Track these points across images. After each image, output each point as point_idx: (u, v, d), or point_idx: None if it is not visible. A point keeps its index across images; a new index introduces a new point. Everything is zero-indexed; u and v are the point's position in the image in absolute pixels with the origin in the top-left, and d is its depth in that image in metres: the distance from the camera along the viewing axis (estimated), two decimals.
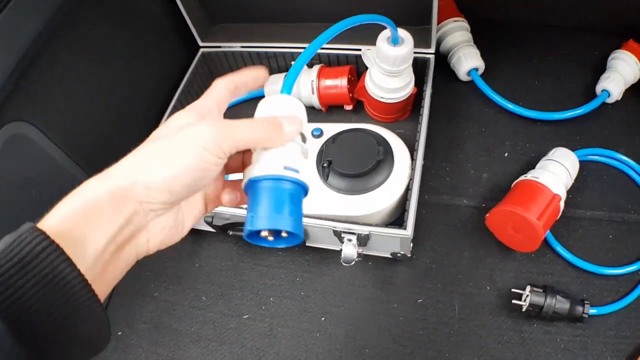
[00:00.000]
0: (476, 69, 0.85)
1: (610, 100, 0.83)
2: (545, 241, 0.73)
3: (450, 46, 0.86)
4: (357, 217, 0.70)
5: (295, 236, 0.38)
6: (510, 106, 0.83)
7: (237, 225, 0.74)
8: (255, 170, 0.37)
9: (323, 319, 0.71)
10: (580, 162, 0.77)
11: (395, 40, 0.70)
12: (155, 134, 0.38)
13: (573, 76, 0.88)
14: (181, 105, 0.83)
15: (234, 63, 0.91)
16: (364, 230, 0.66)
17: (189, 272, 0.78)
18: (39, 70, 0.67)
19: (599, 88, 0.82)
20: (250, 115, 0.39)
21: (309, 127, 0.76)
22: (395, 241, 0.68)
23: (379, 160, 0.69)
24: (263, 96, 0.86)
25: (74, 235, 0.32)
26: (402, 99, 0.78)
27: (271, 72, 0.89)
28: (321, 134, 0.75)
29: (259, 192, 0.37)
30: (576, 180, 0.76)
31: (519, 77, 0.89)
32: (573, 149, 0.76)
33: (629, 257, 0.70)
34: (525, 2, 0.92)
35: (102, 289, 0.34)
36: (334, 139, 0.73)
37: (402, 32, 0.71)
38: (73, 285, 0.31)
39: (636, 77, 0.82)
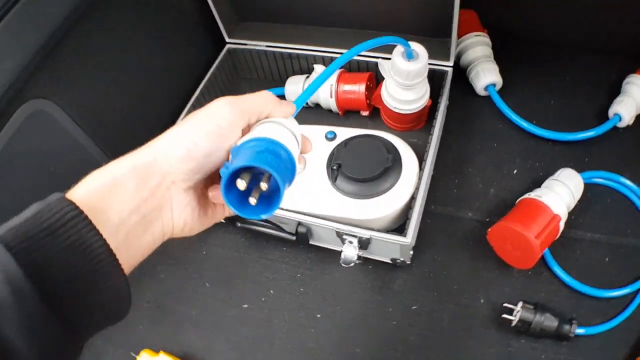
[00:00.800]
0: (494, 85, 0.86)
1: (621, 125, 0.83)
2: (543, 260, 0.74)
3: (470, 60, 0.87)
4: (362, 220, 0.71)
5: (274, 200, 0.37)
6: (524, 124, 0.83)
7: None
8: (247, 136, 0.40)
9: (319, 315, 0.73)
10: (586, 184, 0.78)
11: (409, 55, 0.71)
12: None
13: (589, 98, 0.87)
14: (203, 97, 0.86)
15: (257, 61, 0.93)
16: (365, 234, 0.68)
17: (195, 258, 0.81)
18: (66, 51, 0.69)
19: (611, 111, 0.83)
20: None
21: (323, 130, 0.77)
22: (395, 247, 0.70)
23: (387, 167, 0.71)
24: (283, 95, 0.89)
25: (99, 206, 0.34)
26: (416, 111, 0.79)
27: (293, 73, 0.92)
28: (334, 137, 0.77)
29: (244, 148, 0.38)
30: (580, 201, 0.77)
31: (536, 96, 0.89)
32: (581, 170, 0.77)
33: (623, 281, 0.70)
34: (550, 21, 0.92)
35: (127, 260, 0.35)
36: (345, 143, 0.75)
37: (417, 47, 0.72)
38: (98, 253, 0.32)
39: None
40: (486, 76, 0.84)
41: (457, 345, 0.69)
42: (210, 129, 0.38)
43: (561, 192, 0.72)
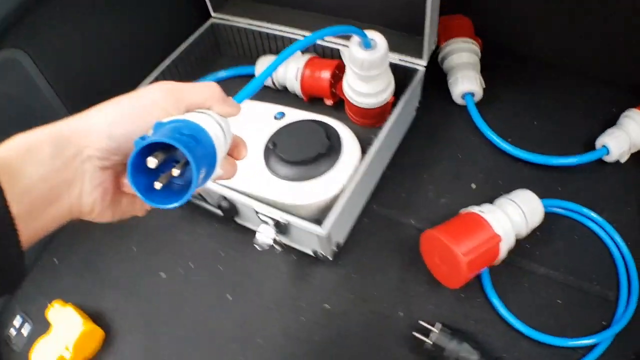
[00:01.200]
0: (472, 94, 0.77)
1: (609, 159, 0.71)
2: (480, 285, 0.64)
3: (452, 65, 0.78)
4: (289, 205, 0.64)
5: (186, 190, 0.34)
6: (495, 138, 0.74)
7: None
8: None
9: (230, 297, 0.67)
10: (554, 215, 0.68)
11: (367, 45, 0.64)
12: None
13: (579, 126, 0.77)
14: (175, 67, 0.83)
15: (238, 38, 0.89)
16: (282, 217, 0.61)
17: (131, 222, 0.73)
18: (47, 8, 0.69)
19: (599, 142, 0.71)
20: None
21: (275, 109, 0.73)
22: (314, 238, 0.63)
23: (320, 153, 0.64)
24: (252, 74, 0.85)
25: (10, 167, 0.32)
26: (375, 106, 0.71)
27: (270, 53, 0.88)
28: (283, 116, 0.71)
29: (167, 126, 0.35)
30: (542, 232, 0.66)
31: (518, 114, 0.80)
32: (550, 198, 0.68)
33: (573, 330, 0.59)
34: (550, 41, 0.83)
35: (26, 230, 0.32)
36: (288, 125, 0.69)
37: (377, 37, 0.64)
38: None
39: None
40: (464, 84, 0.76)
41: (362, 355, 0.60)
42: (136, 112, 0.36)
43: (511, 212, 0.62)
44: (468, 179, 0.73)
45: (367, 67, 0.65)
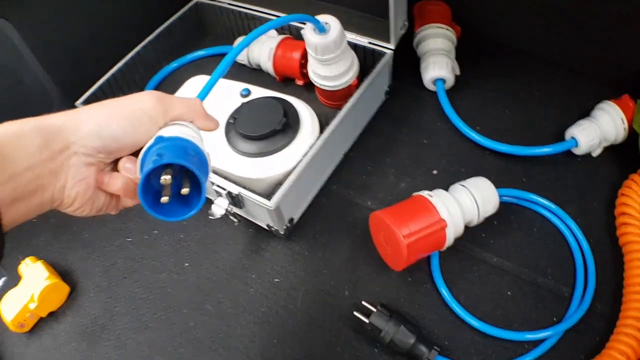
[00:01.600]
0: (443, 80, 0.73)
1: (577, 152, 0.66)
2: (429, 270, 0.61)
3: (425, 51, 0.75)
4: (245, 179, 0.63)
5: (197, 191, 0.36)
6: (460, 125, 0.70)
7: None
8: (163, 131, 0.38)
9: (187, 264, 0.66)
10: (516, 206, 0.65)
11: (321, 29, 0.61)
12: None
13: (553, 118, 0.72)
14: (158, 43, 0.82)
15: (221, 17, 0.88)
16: (234, 189, 0.61)
17: None
18: None
19: (567, 134, 0.66)
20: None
21: (241, 86, 0.73)
22: (265, 212, 0.63)
23: (276, 129, 0.62)
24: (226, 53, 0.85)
25: (0, 152, 0.32)
26: (336, 88, 0.69)
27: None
28: (248, 94, 0.70)
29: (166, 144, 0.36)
30: (500, 222, 0.63)
31: (490, 102, 0.76)
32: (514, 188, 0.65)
33: (520, 324, 0.56)
34: (529, 30, 0.78)
35: (7, 216, 0.33)
36: (250, 101, 0.67)
37: (332, 21, 0.62)
38: None
39: (619, 135, 0.65)
40: (434, 70, 0.72)
41: (305, 331, 0.59)
42: (126, 115, 0.37)
43: (461, 199, 0.59)
44: (430, 165, 0.69)
45: (321, 51, 0.63)
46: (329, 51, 0.63)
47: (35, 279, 0.66)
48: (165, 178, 0.35)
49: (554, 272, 0.60)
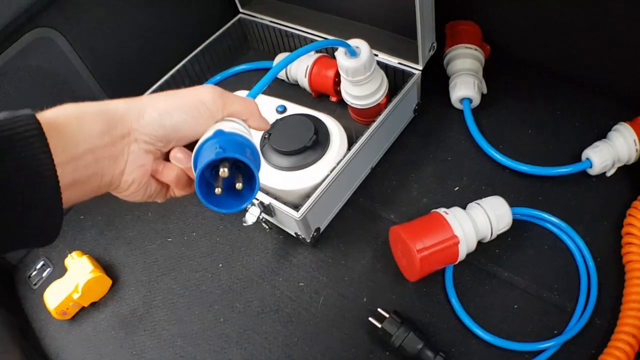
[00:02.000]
0: (469, 100, 0.83)
1: (592, 172, 0.75)
2: (443, 282, 0.72)
3: (454, 71, 0.85)
4: (278, 190, 0.75)
5: (251, 186, 0.41)
6: (483, 144, 0.80)
7: None
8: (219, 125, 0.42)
9: (221, 265, 0.79)
10: (530, 223, 0.74)
11: (353, 53, 0.72)
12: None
13: (573, 137, 0.81)
14: (202, 56, 0.95)
15: (262, 34, 1.00)
16: (265, 199, 0.72)
17: None
18: None
19: (584, 155, 0.75)
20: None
21: (277, 102, 0.84)
22: (294, 222, 0.73)
23: (306, 146, 0.73)
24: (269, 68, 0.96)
25: (61, 133, 0.35)
26: (366, 107, 0.79)
27: (289, 50, 0.99)
28: (284, 110, 0.81)
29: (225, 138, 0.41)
30: (514, 238, 0.72)
31: (514, 122, 0.85)
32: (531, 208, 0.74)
33: (523, 335, 0.65)
34: (558, 50, 0.86)
35: (66, 196, 0.35)
36: (284, 118, 0.79)
37: (362, 45, 0.72)
38: (44, 176, 0.33)
39: (632, 156, 0.73)
40: (461, 89, 0.82)
41: (322, 333, 0.70)
42: (188, 107, 0.41)
43: (476, 216, 0.68)
44: (452, 182, 0.80)
45: (352, 73, 0.74)
46: (359, 73, 0.74)
47: (79, 271, 0.79)
48: (224, 170, 0.39)
49: (560, 287, 0.69)
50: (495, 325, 0.67)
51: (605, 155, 0.73)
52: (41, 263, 0.86)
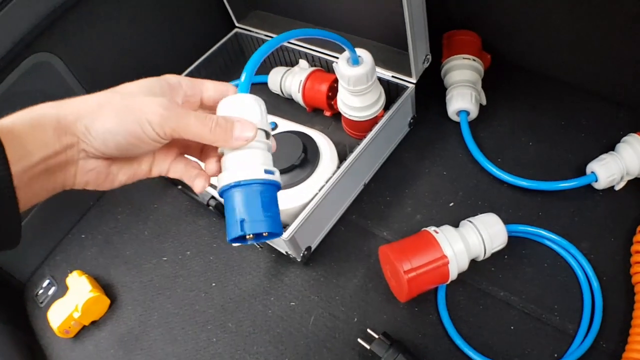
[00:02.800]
0: (466, 112, 0.81)
1: (598, 186, 0.72)
2: (436, 302, 0.69)
3: (451, 82, 0.83)
4: None
5: (275, 234, 0.42)
6: (480, 158, 0.77)
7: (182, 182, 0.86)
8: (229, 176, 0.41)
9: (214, 284, 0.78)
10: (528, 240, 0.71)
11: (355, 61, 0.71)
12: (120, 87, 0.42)
13: (578, 149, 0.78)
14: (198, 72, 0.95)
15: (257, 47, 0.96)
16: None
17: (147, 208, 0.91)
18: (77, 15, 0.81)
19: (589, 168, 0.72)
20: None
21: (269, 119, 0.84)
22: (281, 241, 0.73)
23: (294, 164, 0.73)
24: (265, 83, 0.96)
25: (18, 140, 0.36)
26: (365, 119, 0.78)
27: (284, 64, 0.98)
28: (275, 127, 0.81)
29: (235, 197, 0.41)
30: (511, 256, 0.70)
31: (515, 133, 0.82)
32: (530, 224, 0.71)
33: (519, 358, 0.63)
34: (562, 59, 0.83)
35: (23, 199, 0.36)
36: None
37: (363, 53, 0.72)
38: (1, 185, 0.34)
39: None
40: (457, 102, 0.80)
41: (313, 352, 0.69)
42: (132, 128, 0.38)
43: (468, 235, 0.66)
44: (448, 197, 0.77)
45: (354, 82, 0.73)
46: (362, 83, 0.73)
47: (79, 291, 0.80)
48: (250, 236, 0.41)
49: (561, 308, 0.66)
50: (490, 347, 0.65)
51: (612, 169, 0.70)
52: (47, 282, 0.88)
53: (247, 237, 0.41)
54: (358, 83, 0.73)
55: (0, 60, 0.75)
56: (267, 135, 0.44)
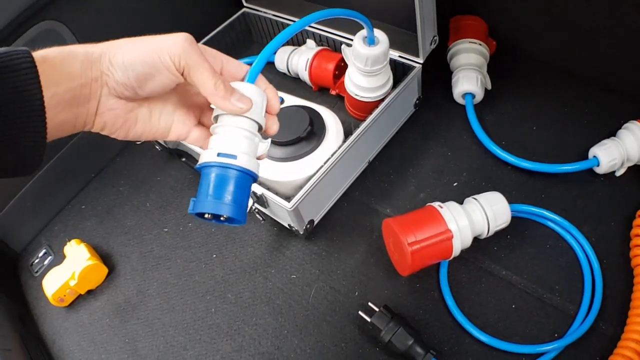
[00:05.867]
0: (472, 95, 0.80)
1: (599, 171, 0.71)
2: (438, 278, 0.68)
3: (457, 66, 0.82)
4: (271, 181, 0.73)
5: (237, 220, 0.41)
6: (485, 140, 0.76)
7: (187, 154, 0.86)
8: (205, 156, 0.42)
9: (214, 256, 0.77)
10: (531, 222, 0.70)
11: (371, 41, 0.70)
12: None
13: (581, 135, 0.77)
14: None
15: (266, 27, 0.99)
16: (258, 189, 0.69)
17: (150, 181, 0.90)
18: None
19: (591, 153, 0.71)
20: None
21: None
22: (286, 213, 0.71)
23: (300, 137, 0.72)
24: (272, 62, 0.94)
25: (49, 69, 0.37)
26: (376, 99, 0.77)
27: (292, 43, 0.96)
28: (282, 102, 0.80)
29: (205, 176, 0.41)
30: (513, 236, 0.69)
31: (519, 118, 0.81)
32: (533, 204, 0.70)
33: (520, 336, 0.62)
34: (565, 47, 0.83)
35: (49, 127, 0.37)
36: (281, 109, 0.78)
37: (379, 33, 0.70)
38: (34, 104, 0.36)
39: None
40: (463, 84, 0.79)
41: (313, 326, 0.68)
42: (150, 60, 0.39)
43: (472, 211, 0.65)
44: (451, 177, 0.76)
45: (371, 62, 0.71)
46: (378, 63, 0.72)
47: (77, 259, 0.78)
48: (207, 216, 0.41)
49: (562, 289, 0.65)
50: (491, 325, 0.63)
51: (613, 154, 0.69)
52: (43, 251, 0.86)
53: (206, 215, 0.41)
54: (376, 63, 0.72)
55: (7, 26, 0.73)
56: (260, 128, 0.44)
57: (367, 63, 0.72)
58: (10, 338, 0.74)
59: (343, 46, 0.77)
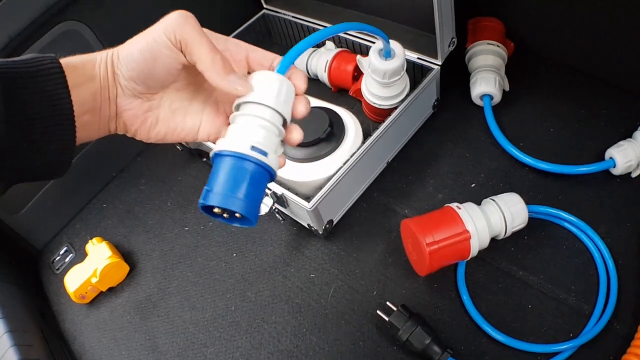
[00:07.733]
0: (490, 96, 0.82)
1: (615, 172, 0.72)
2: (455, 279, 0.70)
3: (475, 67, 0.83)
4: (291, 181, 0.75)
5: (248, 220, 0.38)
6: (502, 141, 0.78)
7: (207, 154, 0.87)
8: (222, 144, 0.39)
9: (235, 255, 0.80)
10: (548, 222, 0.72)
11: (387, 54, 0.72)
12: None
13: (598, 137, 0.78)
14: None
15: (285, 29, 1.01)
16: (278, 189, 0.72)
17: (171, 180, 0.93)
18: None
19: (607, 154, 0.73)
20: None
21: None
22: (305, 213, 0.73)
23: (320, 138, 0.74)
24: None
25: (75, 72, 0.39)
26: (391, 107, 0.79)
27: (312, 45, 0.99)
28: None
29: (220, 167, 0.38)
30: (530, 237, 0.71)
31: (537, 119, 0.83)
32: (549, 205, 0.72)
33: (536, 336, 0.63)
34: (583, 48, 0.84)
35: (77, 129, 0.38)
36: None
37: (395, 45, 0.72)
38: (64, 109, 0.37)
39: None
40: (481, 86, 0.81)
41: (331, 324, 0.70)
42: (147, 46, 0.39)
43: (490, 212, 0.67)
44: (470, 178, 0.78)
45: (389, 76, 0.73)
46: (396, 75, 0.74)
47: (99, 257, 0.81)
48: (218, 211, 0.38)
49: (578, 289, 0.67)
50: (507, 325, 0.65)
51: (629, 155, 0.71)
52: (64, 249, 0.89)
53: (215, 210, 0.38)
54: (393, 75, 0.74)
55: (30, 25, 0.76)
56: (285, 122, 0.42)
57: (384, 76, 0.74)
58: (32, 334, 0.77)
59: (358, 57, 0.80)
